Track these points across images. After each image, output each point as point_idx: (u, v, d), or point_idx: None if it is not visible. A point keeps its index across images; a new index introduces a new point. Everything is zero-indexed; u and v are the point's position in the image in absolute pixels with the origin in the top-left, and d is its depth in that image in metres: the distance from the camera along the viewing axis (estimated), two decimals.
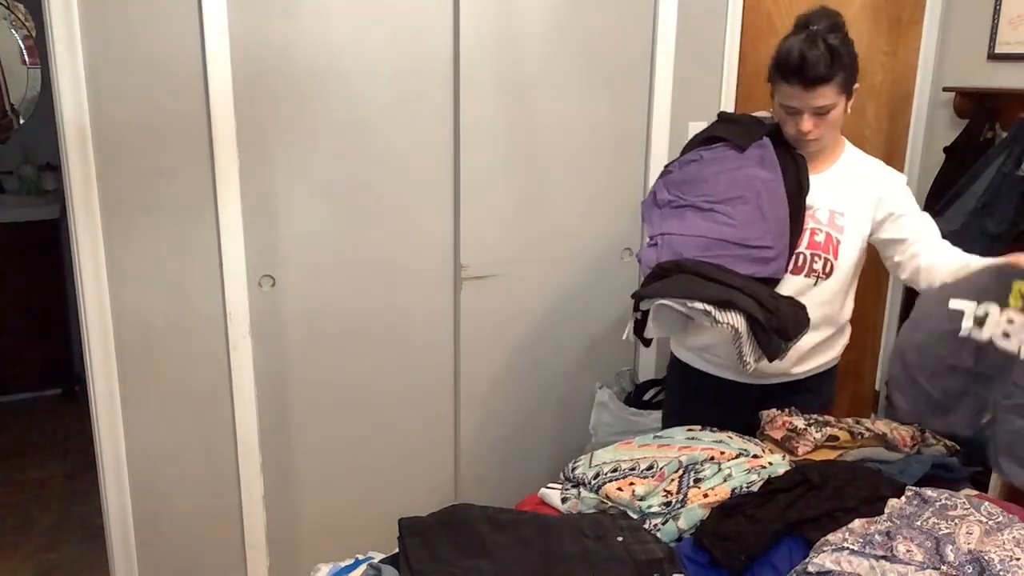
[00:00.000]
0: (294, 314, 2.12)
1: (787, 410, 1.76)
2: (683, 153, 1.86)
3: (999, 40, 2.72)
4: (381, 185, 2.15)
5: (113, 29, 1.81)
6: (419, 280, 2.26)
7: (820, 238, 1.73)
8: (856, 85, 1.71)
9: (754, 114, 1.87)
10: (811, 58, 1.60)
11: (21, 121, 3.81)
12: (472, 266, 2.29)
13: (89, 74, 1.80)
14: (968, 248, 2.78)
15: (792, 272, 1.72)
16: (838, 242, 1.73)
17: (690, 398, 1.94)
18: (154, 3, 1.83)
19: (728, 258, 1.65)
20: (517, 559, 1.26)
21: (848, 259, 1.75)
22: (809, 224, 1.73)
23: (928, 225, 1.77)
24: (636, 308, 1.64)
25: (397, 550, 1.34)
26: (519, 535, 1.31)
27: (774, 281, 1.69)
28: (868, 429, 1.73)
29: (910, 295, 2.98)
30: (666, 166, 1.85)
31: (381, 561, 1.33)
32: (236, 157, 1.96)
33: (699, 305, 1.52)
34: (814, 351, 1.81)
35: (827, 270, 1.74)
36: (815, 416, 1.75)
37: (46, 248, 3.64)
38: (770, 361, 1.56)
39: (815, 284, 1.74)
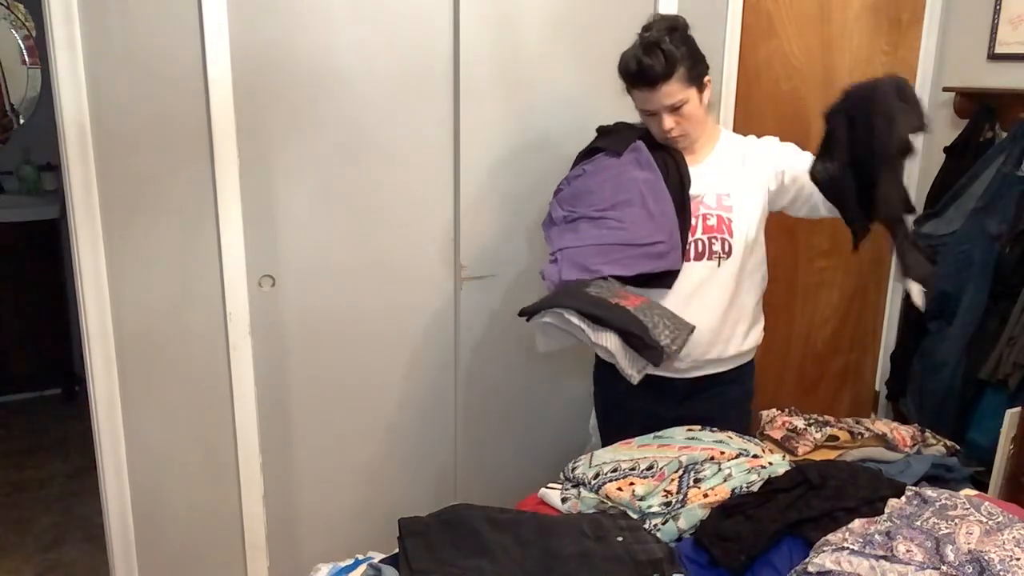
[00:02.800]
0: (294, 314, 2.12)
1: (787, 410, 1.76)
2: (571, 169, 1.95)
3: (999, 40, 2.72)
4: (381, 185, 2.15)
5: (113, 29, 1.81)
6: (419, 280, 2.26)
7: (712, 221, 1.80)
8: (707, 77, 1.80)
9: (627, 122, 1.94)
10: (646, 62, 1.71)
11: (21, 121, 3.82)
12: (472, 266, 2.29)
13: (89, 74, 1.80)
14: (969, 248, 2.79)
15: (695, 259, 1.80)
16: (730, 221, 1.81)
17: (618, 393, 1.97)
18: (154, 3, 1.83)
19: (625, 259, 1.73)
20: (517, 559, 1.26)
21: (742, 234, 1.82)
22: (700, 211, 1.81)
23: (788, 147, 1.87)
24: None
25: (397, 550, 1.34)
26: (519, 535, 1.32)
27: (674, 272, 1.77)
28: (868, 429, 1.74)
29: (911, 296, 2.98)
30: (558, 185, 1.94)
31: (381, 561, 1.33)
32: (236, 157, 1.96)
33: (575, 321, 1.58)
34: (731, 339, 1.87)
35: (726, 250, 1.81)
36: (815, 416, 1.76)
37: (46, 248, 3.64)
38: (655, 366, 1.59)
39: (719, 266, 1.81)
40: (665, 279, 1.77)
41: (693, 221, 1.80)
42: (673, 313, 1.66)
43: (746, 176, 1.84)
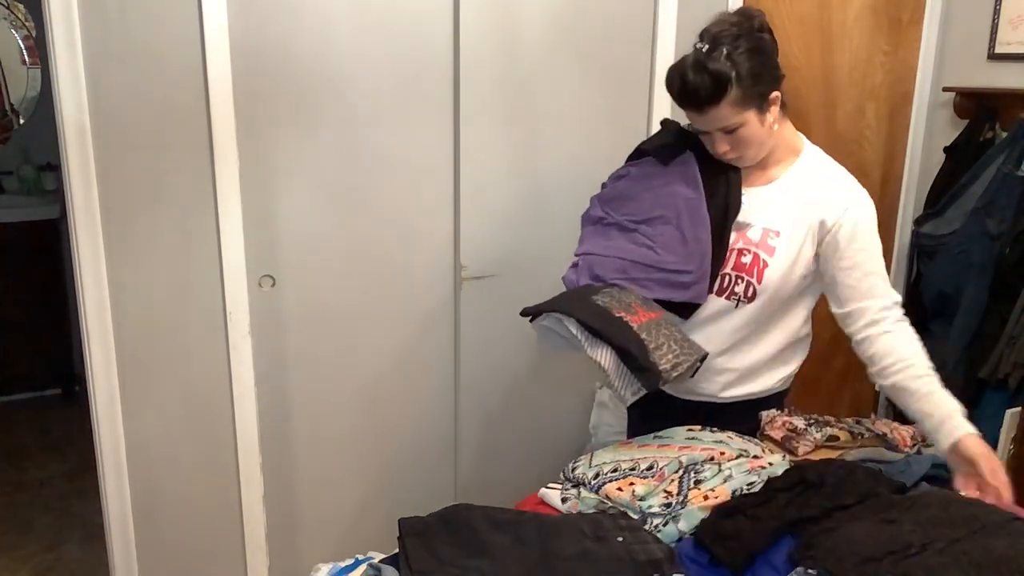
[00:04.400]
0: (294, 314, 2.12)
1: (787, 410, 1.76)
2: (625, 163, 1.79)
3: (999, 40, 2.72)
4: (381, 185, 2.15)
5: (113, 29, 1.81)
6: (419, 280, 2.26)
7: (747, 259, 1.59)
8: (775, 94, 1.53)
9: (683, 124, 1.72)
10: (691, 83, 1.47)
11: (21, 121, 3.82)
12: (472, 266, 2.29)
13: (89, 74, 1.80)
14: (968, 248, 2.78)
15: (715, 293, 1.62)
16: (765, 264, 1.58)
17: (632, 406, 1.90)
18: (154, 3, 1.83)
19: (646, 281, 1.59)
20: (517, 559, 1.26)
21: (774, 283, 1.59)
22: (739, 243, 1.60)
23: (872, 262, 1.58)
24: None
25: (397, 550, 1.34)
26: (519, 535, 1.31)
27: (694, 305, 1.61)
28: (868, 429, 1.73)
29: (910, 297, 2.98)
30: (605, 181, 1.80)
31: (381, 561, 1.33)
32: (236, 157, 1.96)
33: (573, 330, 1.48)
34: (738, 379, 1.70)
35: (749, 294, 1.60)
36: (815, 416, 1.75)
37: (46, 248, 3.64)
38: (648, 390, 1.45)
39: (736, 307, 1.62)
40: (683, 310, 1.61)
41: (727, 253, 1.61)
42: (685, 336, 1.52)
43: (807, 216, 1.57)
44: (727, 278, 1.62)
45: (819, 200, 1.59)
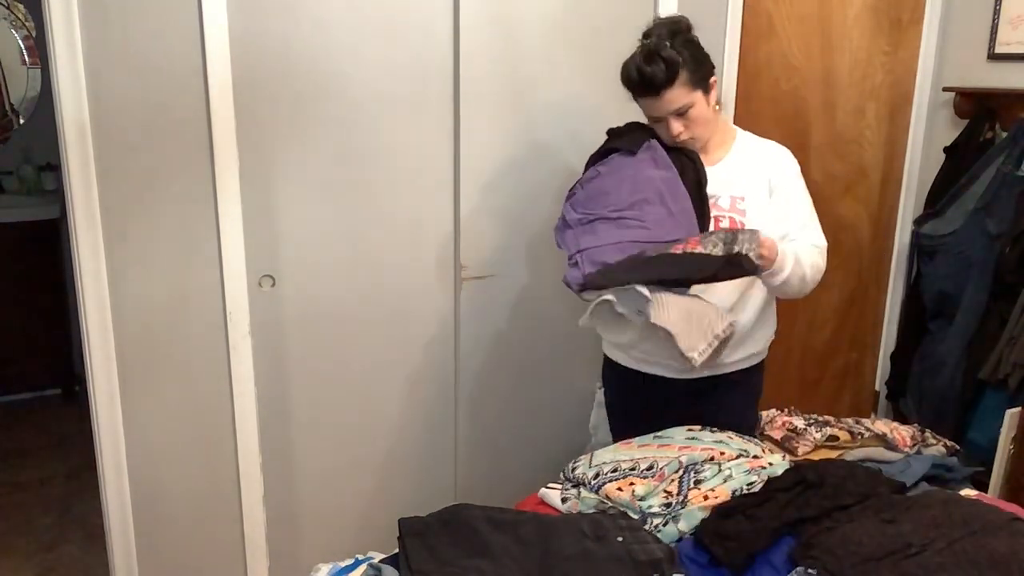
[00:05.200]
0: (294, 314, 2.12)
1: (787, 410, 1.76)
2: (584, 172, 1.90)
3: (999, 40, 2.72)
4: (381, 185, 2.15)
5: (113, 29, 1.81)
6: (419, 280, 2.26)
7: (724, 223, 1.78)
8: (713, 78, 1.77)
9: (639, 121, 1.89)
10: (647, 71, 1.69)
11: (21, 121, 3.81)
12: (472, 266, 2.29)
13: (89, 74, 1.80)
14: (968, 248, 2.79)
15: None
16: (742, 225, 1.78)
17: (625, 395, 1.98)
18: (154, 3, 1.83)
19: None
20: (517, 559, 1.26)
21: None
22: (713, 213, 1.78)
23: (800, 213, 1.82)
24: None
25: (397, 550, 1.34)
26: (519, 535, 1.32)
27: None
28: (868, 429, 1.74)
29: (910, 297, 2.98)
30: (570, 189, 1.89)
31: (381, 561, 1.33)
32: (236, 157, 1.96)
33: (645, 292, 1.57)
34: (736, 341, 1.81)
35: None
36: (815, 416, 1.75)
37: (46, 248, 3.64)
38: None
39: None
40: (684, 282, 1.72)
41: (708, 222, 1.77)
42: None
43: (762, 180, 1.81)
44: None
45: (762, 165, 1.83)
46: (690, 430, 1.68)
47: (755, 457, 1.54)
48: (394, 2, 2.06)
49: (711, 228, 1.76)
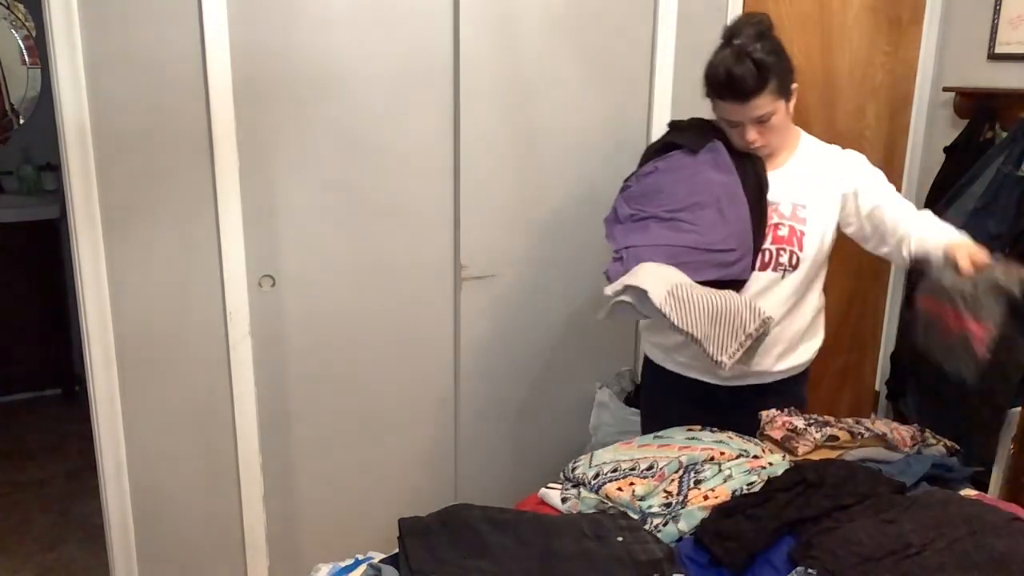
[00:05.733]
0: (294, 314, 2.12)
1: (787, 410, 1.76)
2: (640, 166, 1.86)
3: (999, 40, 2.72)
4: (381, 185, 2.15)
5: (113, 29, 1.81)
6: (419, 280, 2.26)
7: (784, 232, 1.73)
8: (794, 85, 1.70)
9: (704, 118, 1.84)
10: (738, 74, 1.60)
11: (21, 121, 3.82)
12: (472, 266, 2.29)
13: (89, 74, 1.80)
14: None
15: (759, 269, 1.73)
16: (802, 233, 1.74)
17: (663, 398, 1.95)
18: (154, 3, 1.83)
19: (693, 263, 1.66)
20: (517, 559, 1.26)
21: (813, 249, 1.75)
22: (773, 219, 1.74)
23: (893, 195, 1.76)
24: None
25: (397, 550, 1.34)
26: (519, 535, 1.32)
27: (740, 282, 1.70)
28: (868, 429, 1.73)
29: (910, 297, 2.98)
30: (625, 180, 1.85)
31: (381, 561, 1.33)
32: (236, 157, 1.96)
33: (655, 299, 1.53)
34: (786, 350, 1.81)
35: (793, 263, 1.74)
36: (815, 416, 1.75)
37: (46, 248, 3.64)
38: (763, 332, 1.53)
39: (782, 278, 1.75)
40: (731, 288, 1.67)
41: (766, 229, 1.73)
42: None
43: (825, 188, 1.76)
44: (768, 253, 1.74)
45: (828, 173, 1.77)
46: (690, 430, 1.68)
47: (755, 457, 1.54)
48: (394, 2, 2.06)
49: (770, 237, 1.72)
